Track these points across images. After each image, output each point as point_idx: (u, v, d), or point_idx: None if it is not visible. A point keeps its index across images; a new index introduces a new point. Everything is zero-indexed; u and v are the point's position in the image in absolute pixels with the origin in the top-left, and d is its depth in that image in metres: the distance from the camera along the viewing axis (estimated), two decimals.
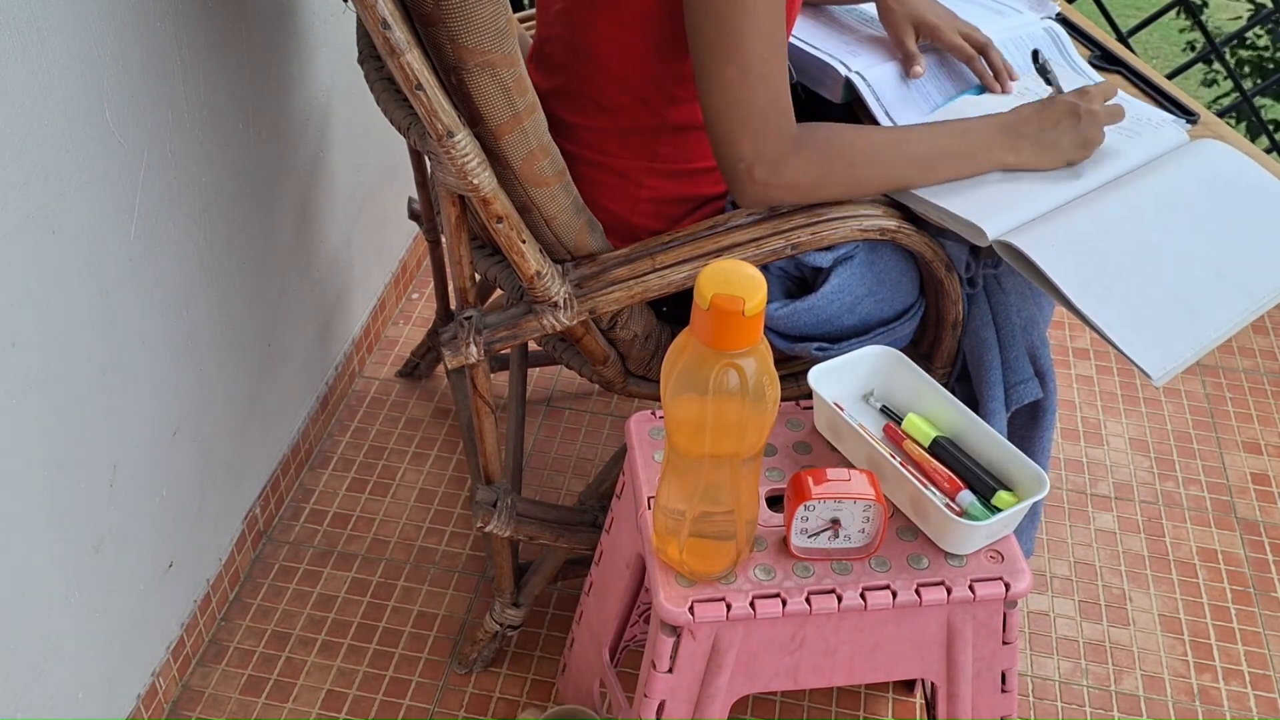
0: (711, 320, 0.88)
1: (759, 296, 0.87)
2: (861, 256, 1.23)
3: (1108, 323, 1.10)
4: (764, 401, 0.92)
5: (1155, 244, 1.17)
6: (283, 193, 1.59)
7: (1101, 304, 1.11)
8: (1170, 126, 1.31)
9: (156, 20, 1.22)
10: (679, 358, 0.92)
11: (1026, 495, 1.07)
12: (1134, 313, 1.11)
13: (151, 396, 1.33)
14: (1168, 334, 1.10)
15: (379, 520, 1.73)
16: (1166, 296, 1.13)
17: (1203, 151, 1.27)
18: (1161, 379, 1.07)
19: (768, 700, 1.50)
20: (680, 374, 0.92)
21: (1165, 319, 1.11)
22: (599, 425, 1.89)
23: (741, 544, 1.03)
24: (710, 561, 1.03)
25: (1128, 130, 1.28)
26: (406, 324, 2.07)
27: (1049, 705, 1.52)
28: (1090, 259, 1.14)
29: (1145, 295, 1.13)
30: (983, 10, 1.48)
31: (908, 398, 1.17)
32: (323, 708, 1.49)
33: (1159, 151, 1.28)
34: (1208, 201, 1.22)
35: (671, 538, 1.03)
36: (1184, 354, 1.09)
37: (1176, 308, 1.12)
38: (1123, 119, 1.24)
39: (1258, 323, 2.15)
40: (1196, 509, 1.79)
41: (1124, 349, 1.08)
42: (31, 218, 1.08)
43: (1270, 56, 3.04)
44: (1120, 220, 1.18)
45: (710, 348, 0.89)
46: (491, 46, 1.02)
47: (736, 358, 0.90)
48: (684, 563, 1.03)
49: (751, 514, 1.02)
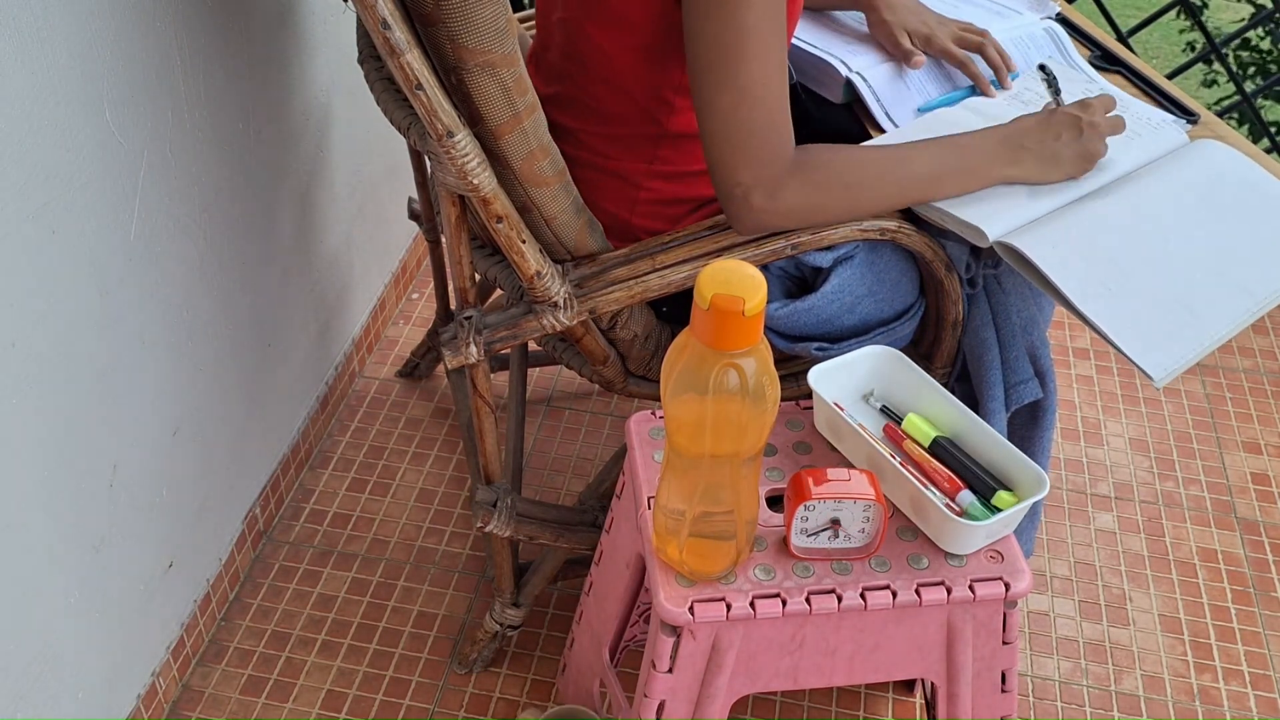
0: (711, 320, 0.88)
1: (759, 297, 0.87)
2: (861, 256, 1.23)
3: (1109, 325, 1.10)
4: (764, 401, 0.92)
5: (1156, 245, 1.17)
6: (283, 193, 1.59)
7: (1103, 306, 1.11)
8: (1170, 127, 1.31)
9: (156, 20, 1.22)
10: (679, 358, 0.92)
11: (1026, 495, 1.07)
12: (1135, 314, 1.11)
13: (151, 396, 1.34)
14: (1169, 335, 1.10)
15: (379, 520, 1.73)
16: (1167, 297, 1.13)
17: (1203, 152, 1.27)
18: (1163, 380, 1.07)
19: (768, 700, 1.50)
20: (680, 374, 0.92)
21: (1166, 320, 1.11)
22: (599, 425, 1.89)
23: (741, 544, 1.03)
24: (710, 561, 1.03)
25: (1128, 131, 1.28)
26: (406, 324, 2.07)
27: (1049, 705, 1.52)
28: (1091, 261, 1.14)
29: (1146, 296, 1.13)
30: (982, 11, 1.48)
31: (908, 398, 1.17)
32: (323, 708, 1.49)
33: (1159, 153, 1.28)
34: (1208, 202, 1.22)
35: (671, 537, 1.03)
36: (1185, 355, 1.09)
37: (1177, 309, 1.12)
38: (1123, 131, 1.24)
39: (1258, 323, 2.14)
40: (1196, 509, 1.79)
41: (1126, 351, 1.08)
42: (31, 218, 1.08)
43: (1273, 59, 3.04)
44: (1121, 222, 1.18)
45: (710, 348, 0.89)
46: (492, 47, 1.02)
47: (736, 358, 0.90)
48: (684, 562, 1.03)
49: (751, 514, 1.02)
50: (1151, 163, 1.26)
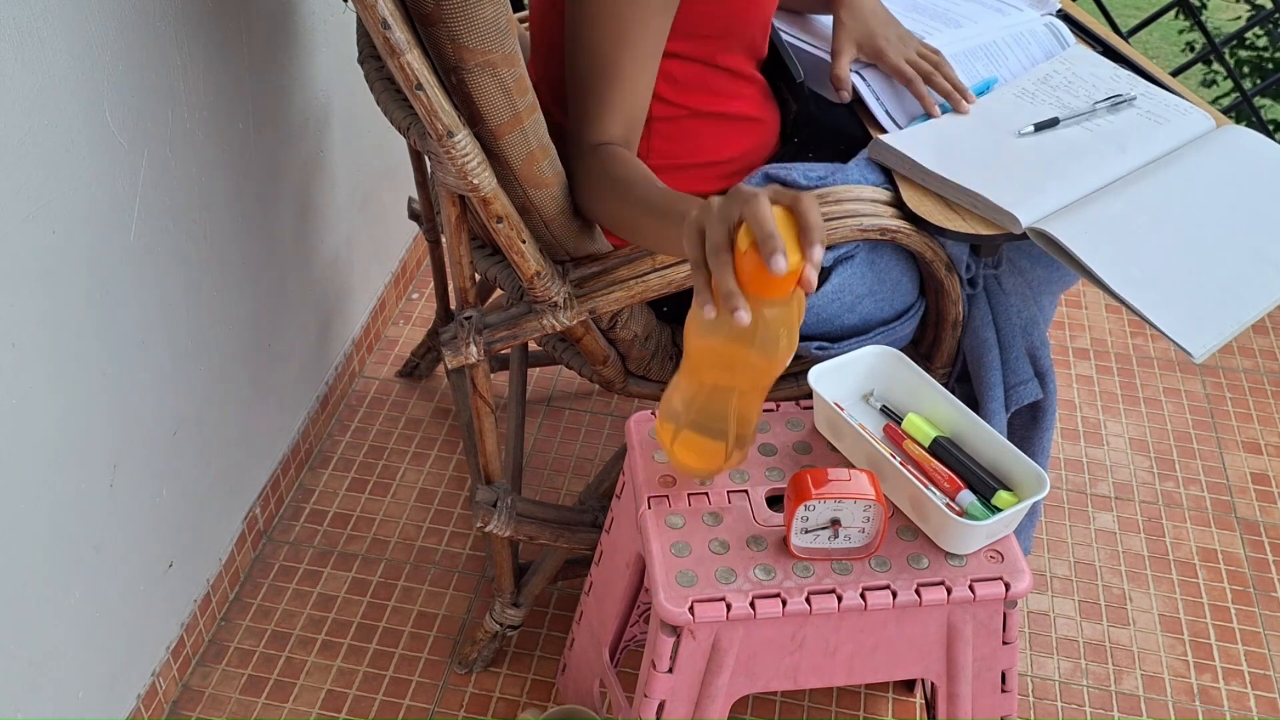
0: (744, 264, 0.88)
1: (796, 257, 0.87)
2: (862, 256, 1.23)
3: (1146, 304, 1.11)
4: (774, 353, 0.94)
5: (1188, 226, 1.19)
6: (283, 193, 1.59)
7: (1140, 288, 1.12)
8: (1198, 114, 1.32)
9: (156, 20, 1.22)
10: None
11: (1026, 495, 1.07)
12: (1171, 293, 1.13)
13: (151, 396, 1.33)
14: (1206, 312, 1.12)
15: (379, 520, 1.73)
16: (1202, 276, 1.15)
17: (1231, 137, 1.29)
18: (1202, 356, 1.08)
19: (768, 700, 1.50)
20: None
21: (1202, 298, 1.13)
22: (599, 425, 1.89)
23: (731, 448, 1.05)
24: (699, 458, 1.06)
25: (1156, 117, 1.29)
26: (406, 324, 2.07)
27: (1049, 705, 1.52)
28: (1125, 243, 1.15)
29: (1181, 275, 1.14)
30: (983, 9, 1.48)
31: (908, 398, 1.17)
32: (323, 708, 1.49)
33: (1188, 138, 1.29)
34: (1239, 185, 1.24)
35: (669, 423, 1.06)
36: (1223, 331, 1.10)
37: (1212, 287, 1.14)
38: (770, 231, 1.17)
39: (1258, 323, 2.14)
40: (1196, 509, 1.79)
41: (1163, 329, 1.10)
42: (31, 217, 1.08)
43: (1270, 57, 3.04)
44: (1153, 204, 1.20)
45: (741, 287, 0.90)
46: (492, 46, 1.02)
47: (762, 304, 0.90)
48: (674, 452, 1.07)
49: (745, 431, 1.05)
50: (1181, 148, 1.27)
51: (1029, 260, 1.34)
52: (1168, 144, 1.27)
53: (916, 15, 1.46)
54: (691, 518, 1.09)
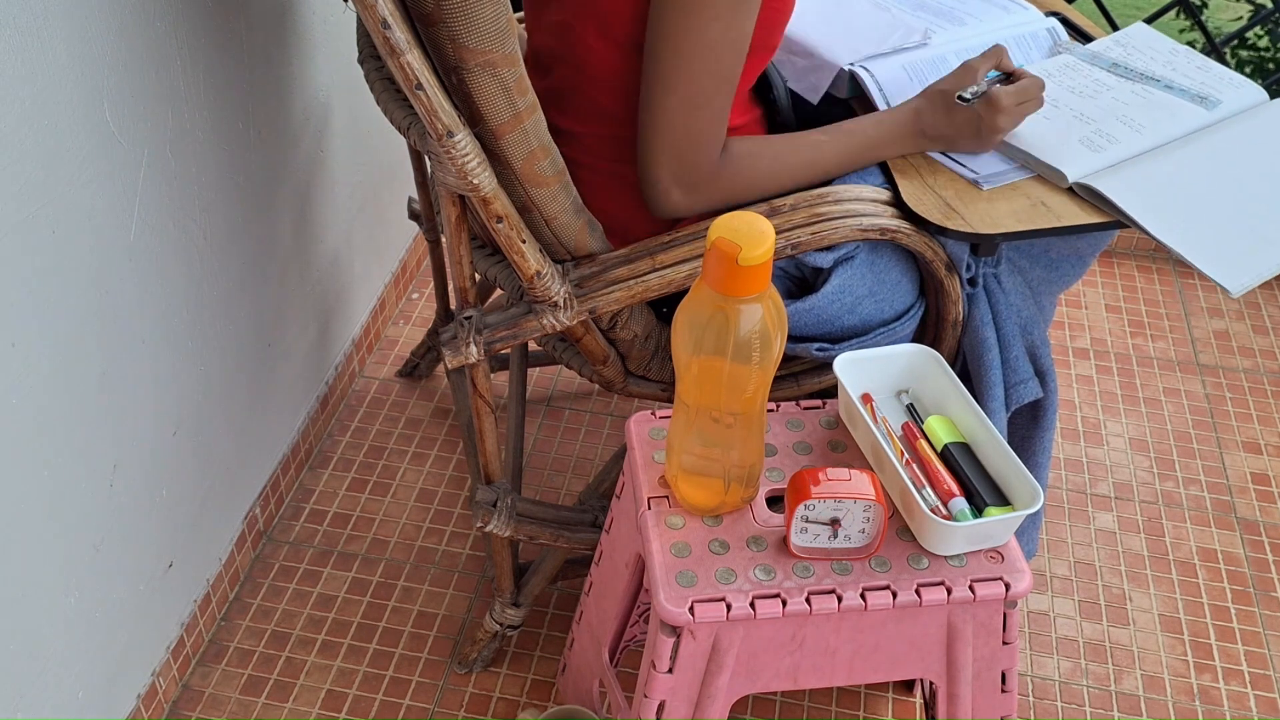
0: (710, 261, 0.92)
1: (760, 250, 0.90)
2: (862, 257, 1.23)
3: (1185, 246, 1.16)
4: (750, 361, 0.95)
5: (1232, 183, 1.24)
6: (283, 192, 1.59)
7: (1181, 234, 1.17)
8: (1251, 86, 1.36)
9: (156, 20, 1.22)
10: (691, 300, 0.97)
11: (1018, 509, 1.07)
12: (1210, 237, 1.18)
13: (151, 396, 1.33)
14: (1243, 251, 1.17)
15: (379, 520, 1.73)
16: (1242, 225, 1.20)
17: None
18: (1239, 291, 1.13)
19: (768, 700, 1.50)
20: (686, 311, 0.97)
21: (1240, 242, 1.18)
22: (599, 425, 1.89)
23: (730, 481, 1.06)
24: (698, 493, 1.07)
25: (1209, 86, 1.34)
26: (406, 324, 2.07)
27: (1049, 705, 1.52)
28: (1169, 197, 1.20)
29: (1221, 223, 1.20)
30: (991, 6, 1.48)
31: (935, 400, 1.17)
32: (323, 708, 1.49)
33: (1239, 108, 1.33)
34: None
35: (674, 456, 1.07)
36: (1259, 270, 1.15)
37: (1251, 234, 1.19)
38: (1033, 111, 1.26)
39: (1258, 323, 2.15)
40: (1196, 509, 1.79)
41: (1202, 268, 1.14)
42: (31, 217, 1.08)
43: (1271, 57, 3.04)
44: (1199, 165, 1.25)
45: (713, 290, 0.94)
46: (492, 46, 1.02)
47: (736, 302, 0.93)
48: (677, 486, 1.08)
49: (743, 465, 1.05)
50: (1232, 116, 1.32)
51: (1029, 260, 1.34)
52: (1220, 113, 1.32)
53: (921, 13, 1.46)
54: (691, 518, 1.09)
